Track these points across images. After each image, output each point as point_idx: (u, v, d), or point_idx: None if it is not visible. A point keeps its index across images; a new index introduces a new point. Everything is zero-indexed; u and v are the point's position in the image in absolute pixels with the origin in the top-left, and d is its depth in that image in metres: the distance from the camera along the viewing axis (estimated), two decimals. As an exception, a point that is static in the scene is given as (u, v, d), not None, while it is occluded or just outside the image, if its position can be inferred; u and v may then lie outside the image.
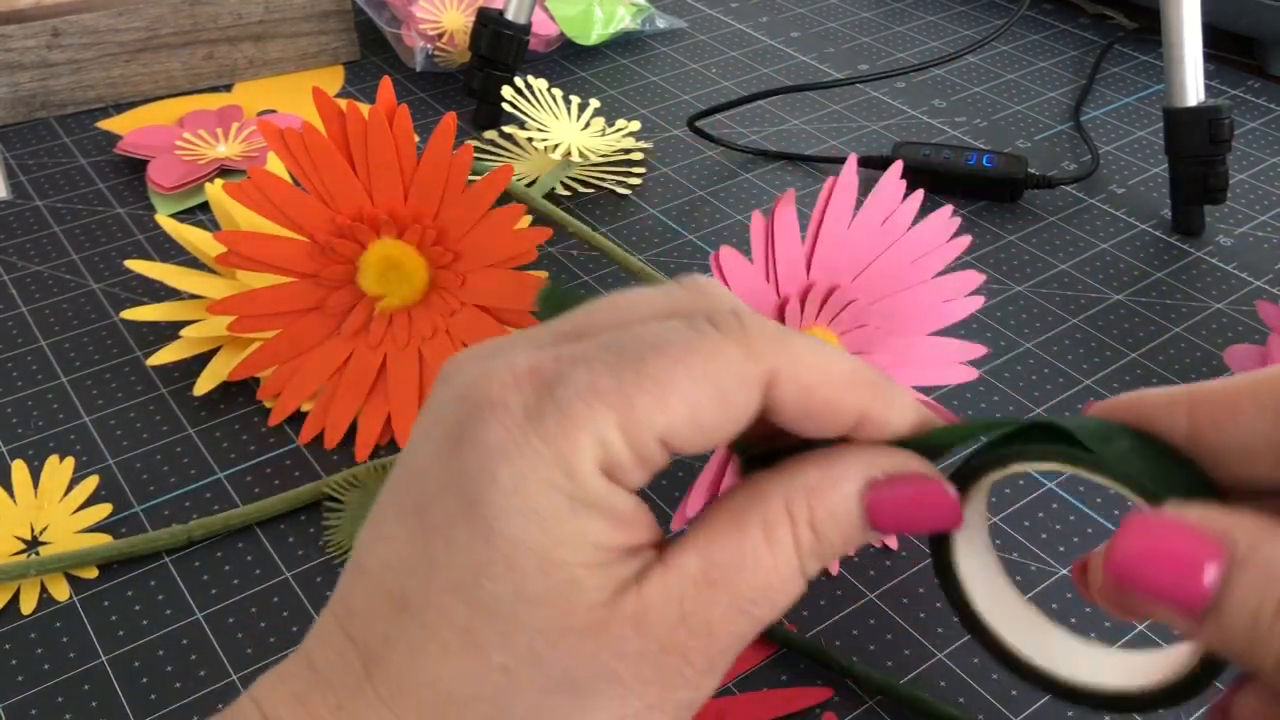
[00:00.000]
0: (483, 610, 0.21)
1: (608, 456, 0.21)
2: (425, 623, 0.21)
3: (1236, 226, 0.61)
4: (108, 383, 0.50)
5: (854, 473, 0.22)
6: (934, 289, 0.41)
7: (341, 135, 0.44)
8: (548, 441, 0.20)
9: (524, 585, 0.21)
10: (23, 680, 0.38)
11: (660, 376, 0.21)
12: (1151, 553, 0.20)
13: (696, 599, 0.21)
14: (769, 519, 0.22)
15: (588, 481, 0.21)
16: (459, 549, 0.21)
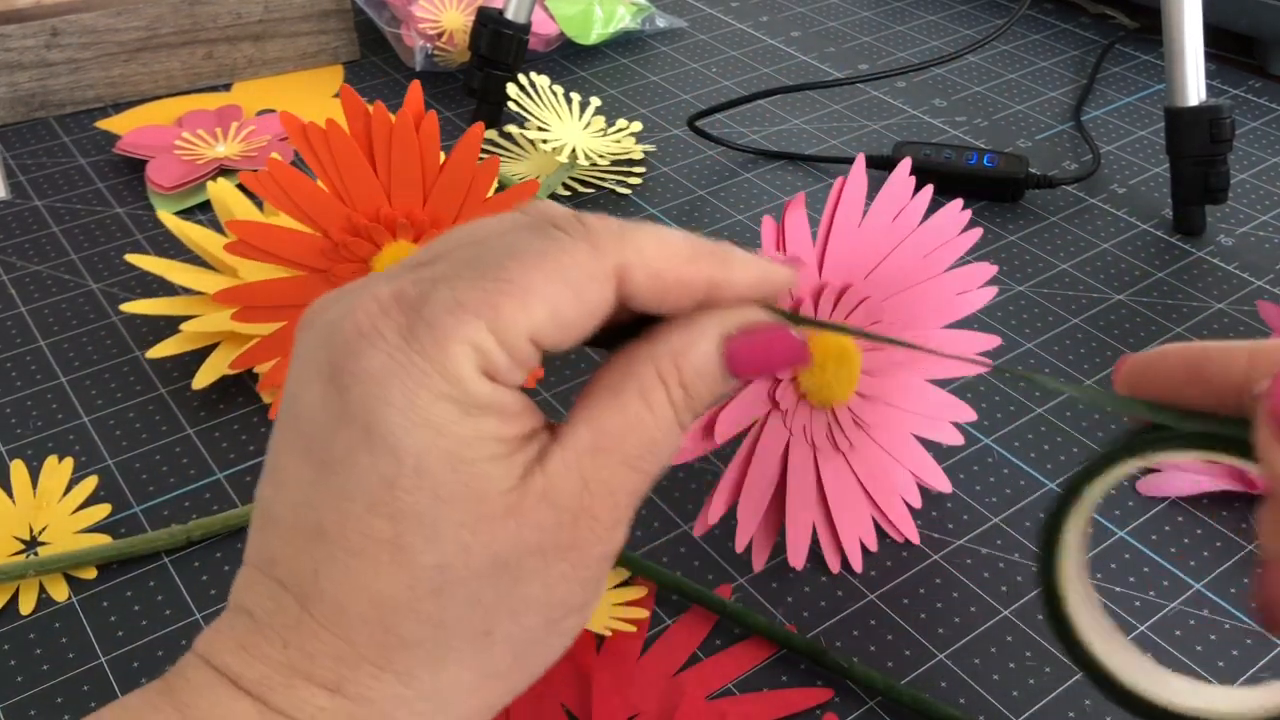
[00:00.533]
0: (404, 519, 0.22)
1: (485, 360, 0.22)
2: (349, 546, 0.22)
3: (1238, 226, 0.61)
4: (107, 383, 0.50)
5: (710, 332, 0.24)
6: (946, 283, 0.41)
7: (365, 135, 0.44)
8: (427, 357, 0.22)
9: (438, 488, 0.22)
10: (22, 681, 0.38)
11: (519, 281, 0.23)
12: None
13: (593, 465, 0.23)
14: (644, 386, 0.24)
15: (473, 386, 0.22)
16: (366, 472, 0.22)
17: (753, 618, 0.39)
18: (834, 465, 0.41)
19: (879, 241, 0.40)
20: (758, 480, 0.39)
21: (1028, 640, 0.39)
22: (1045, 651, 0.39)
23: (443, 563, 0.22)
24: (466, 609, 0.22)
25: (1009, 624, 0.40)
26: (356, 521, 0.22)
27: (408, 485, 0.22)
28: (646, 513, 0.44)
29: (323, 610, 0.22)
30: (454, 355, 0.22)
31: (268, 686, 0.22)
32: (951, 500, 0.45)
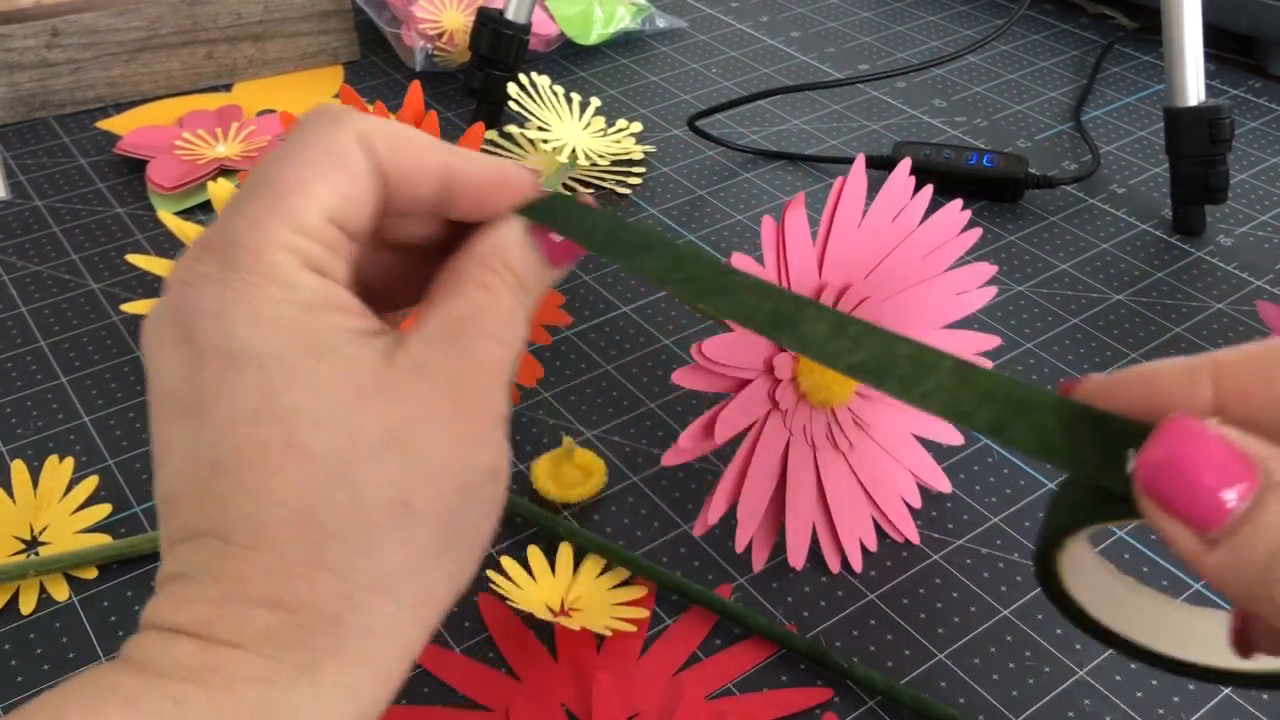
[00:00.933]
0: (289, 417, 0.22)
1: (300, 253, 0.23)
2: (246, 463, 0.22)
3: (1237, 226, 0.61)
4: (107, 383, 0.50)
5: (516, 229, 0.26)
6: (946, 282, 0.41)
7: None
8: (252, 270, 0.23)
9: (311, 378, 0.23)
10: (22, 681, 0.38)
11: (290, 177, 0.24)
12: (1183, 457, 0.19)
13: (453, 340, 0.24)
14: (481, 277, 0.25)
15: (304, 281, 0.23)
16: (240, 392, 0.22)
17: (753, 618, 0.39)
18: (834, 465, 0.41)
19: (879, 241, 0.40)
20: (758, 480, 0.39)
21: (1027, 640, 0.39)
22: (1045, 651, 0.39)
23: (339, 447, 0.22)
24: (377, 486, 0.23)
25: (1009, 624, 0.40)
26: (246, 437, 0.22)
27: (281, 384, 0.22)
28: (646, 513, 0.44)
29: (242, 535, 0.22)
30: (274, 262, 0.23)
31: (206, 622, 0.22)
32: (951, 500, 0.45)
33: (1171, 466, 0.19)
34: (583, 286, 0.56)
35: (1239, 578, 0.19)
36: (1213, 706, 0.37)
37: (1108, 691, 0.38)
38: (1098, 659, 0.39)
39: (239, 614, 0.22)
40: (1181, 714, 0.37)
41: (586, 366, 0.51)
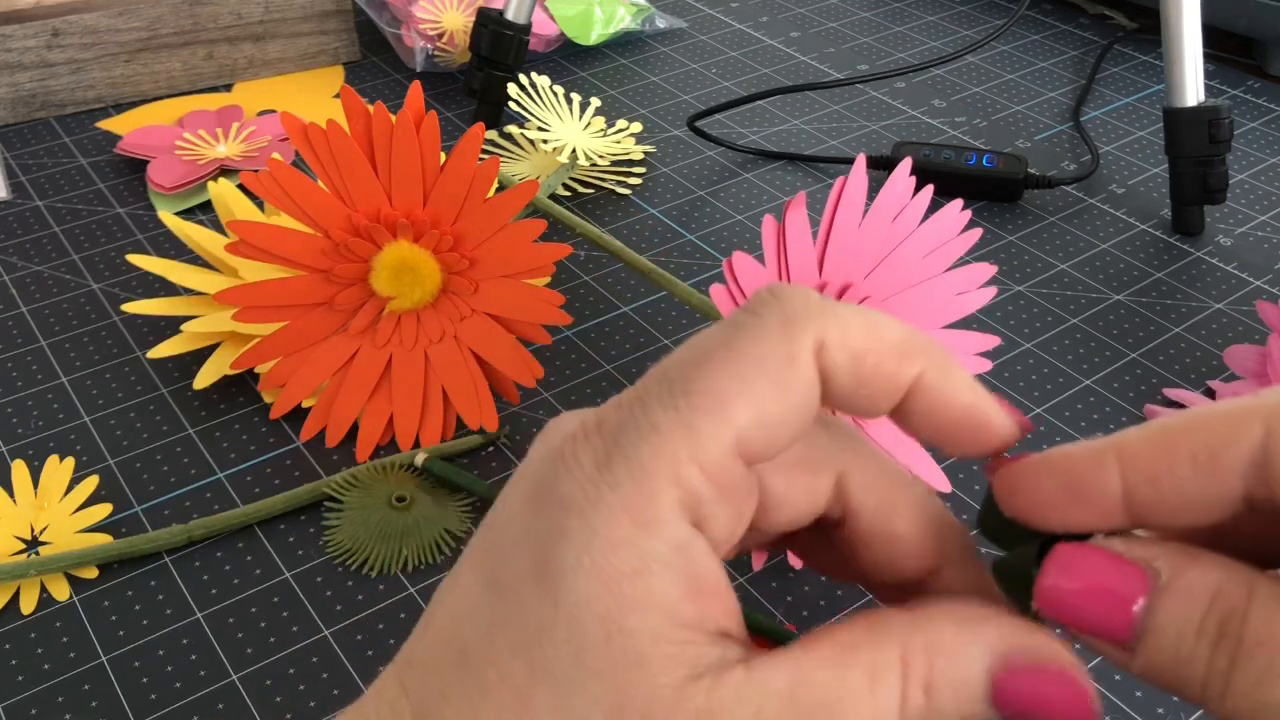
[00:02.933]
0: (541, 674, 0.20)
1: (688, 494, 0.20)
2: (483, 681, 0.20)
3: (1236, 226, 0.61)
4: (108, 383, 0.50)
5: (987, 640, 0.20)
6: (946, 282, 0.42)
7: (365, 135, 0.44)
8: (618, 491, 0.20)
9: (585, 652, 0.19)
10: (23, 680, 0.38)
11: (711, 389, 0.20)
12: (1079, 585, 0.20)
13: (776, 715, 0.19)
14: (879, 662, 0.20)
15: (665, 531, 0.20)
16: (526, 608, 0.20)
17: (753, 617, 0.39)
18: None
19: (879, 241, 0.40)
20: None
21: (1027, 639, 0.39)
22: (1044, 651, 0.39)
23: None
24: None
25: (1008, 623, 0.40)
26: (498, 658, 0.20)
27: (557, 638, 0.19)
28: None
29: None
30: (648, 491, 0.20)
31: None
32: (950, 500, 0.45)
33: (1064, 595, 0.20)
34: (583, 286, 0.56)
35: (1163, 681, 0.19)
36: (1212, 706, 0.37)
37: (1108, 692, 0.38)
38: (1097, 659, 0.39)
39: None
40: (1181, 714, 0.37)
41: (586, 366, 0.51)
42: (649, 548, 0.19)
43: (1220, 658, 0.19)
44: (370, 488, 0.44)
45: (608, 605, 0.19)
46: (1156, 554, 0.20)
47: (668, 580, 0.20)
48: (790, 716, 0.19)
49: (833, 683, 0.20)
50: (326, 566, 0.42)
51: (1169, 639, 0.19)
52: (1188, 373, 0.51)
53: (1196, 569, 0.19)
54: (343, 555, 0.42)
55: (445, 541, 0.43)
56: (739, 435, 0.20)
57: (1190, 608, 0.19)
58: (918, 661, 0.20)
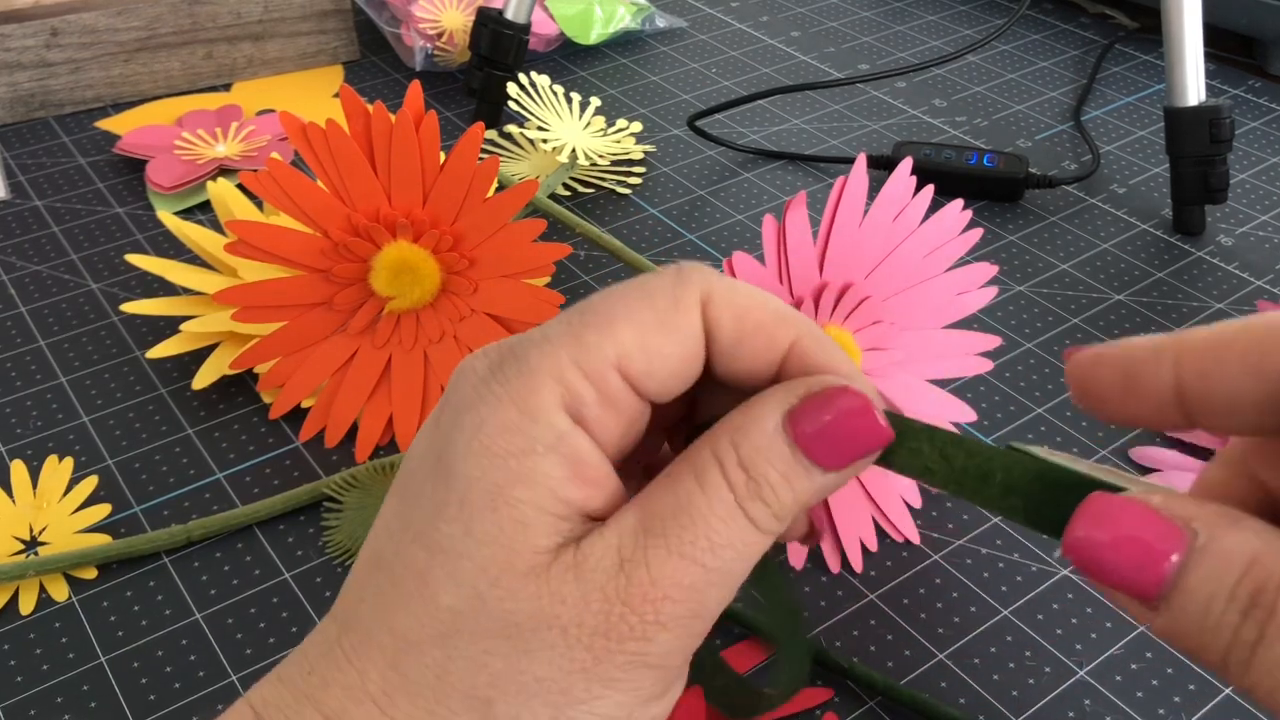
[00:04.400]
0: (437, 551, 0.21)
1: (568, 393, 0.22)
2: (391, 574, 0.22)
3: (1237, 226, 0.61)
4: (107, 383, 0.50)
5: (772, 405, 0.22)
6: (947, 282, 0.41)
7: (364, 135, 0.44)
8: (507, 387, 0.22)
9: (473, 523, 0.21)
10: (21, 681, 0.38)
11: (603, 312, 0.22)
12: (1111, 537, 0.20)
13: (633, 547, 0.21)
14: (699, 466, 0.22)
15: (547, 419, 0.21)
16: (425, 499, 0.22)
17: (753, 619, 0.39)
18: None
19: (880, 241, 0.40)
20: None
21: (1028, 640, 0.39)
22: (1045, 651, 0.39)
23: (457, 607, 0.21)
24: (471, 668, 0.21)
25: (1009, 624, 0.40)
26: (403, 549, 0.22)
27: (449, 515, 0.21)
28: (646, 513, 0.44)
29: (351, 639, 0.22)
30: (532, 386, 0.21)
31: (275, 708, 0.22)
32: (952, 500, 0.45)
33: (1095, 545, 0.20)
34: (582, 286, 0.56)
35: (1184, 643, 0.19)
36: (1213, 707, 0.37)
37: (1108, 692, 0.38)
38: (1098, 659, 0.39)
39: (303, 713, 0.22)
40: (1182, 714, 0.37)
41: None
42: (533, 431, 0.21)
43: (1249, 628, 0.18)
44: (370, 488, 0.44)
45: (496, 479, 0.21)
46: (1196, 514, 0.19)
47: (552, 462, 0.21)
48: (645, 540, 0.21)
49: (669, 500, 0.21)
50: (326, 567, 0.42)
51: (1198, 602, 0.19)
52: (1189, 373, 0.51)
53: (1236, 533, 0.19)
54: (342, 555, 0.42)
55: (445, 542, 0.43)
56: (621, 352, 0.22)
57: (1225, 572, 0.19)
58: (724, 446, 0.22)
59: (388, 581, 0.22)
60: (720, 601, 0.22)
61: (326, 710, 0.22)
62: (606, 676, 0.21)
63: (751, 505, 0.22)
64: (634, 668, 0.21)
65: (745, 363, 0.23)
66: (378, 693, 0.22)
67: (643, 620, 0.21)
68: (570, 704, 0.21)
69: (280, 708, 0.22)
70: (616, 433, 0.22)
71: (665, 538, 0.21)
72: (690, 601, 0.21)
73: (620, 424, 0.22)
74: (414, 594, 0.21)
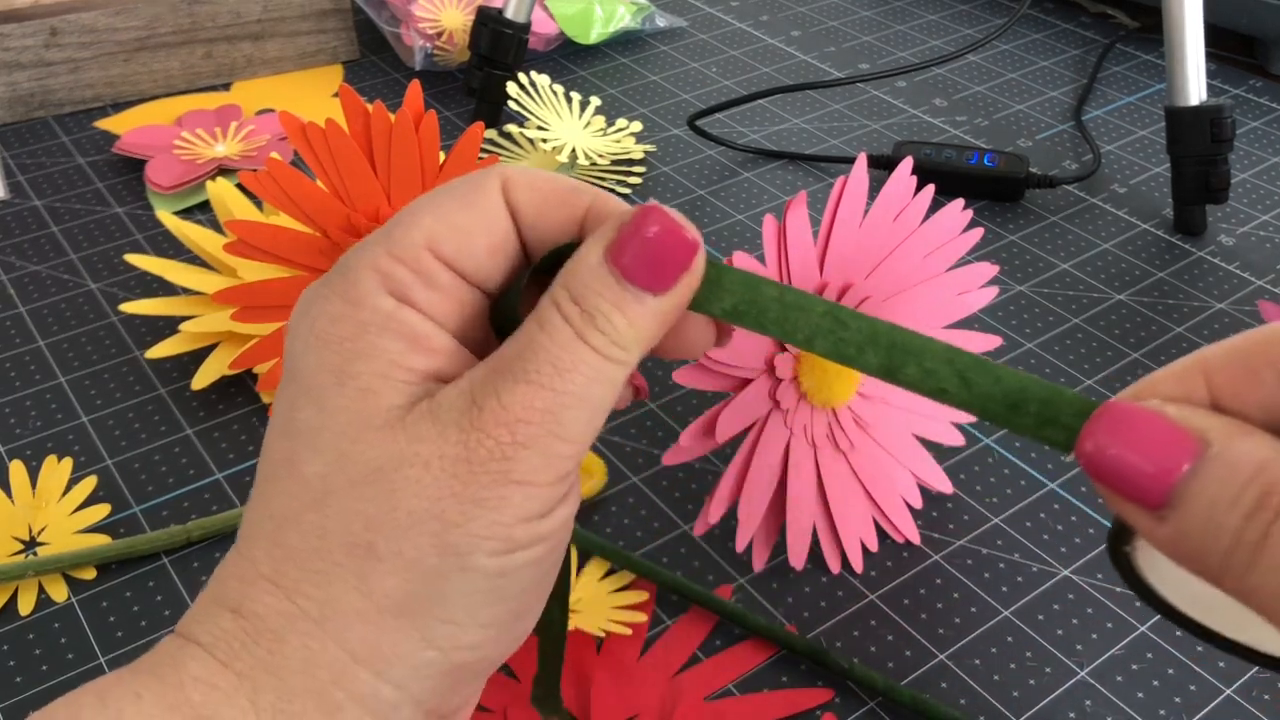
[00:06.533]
0: (296, 436, 0.23)
1: (386, 278, 0.23)
2: (264, 472, 0.24)
3: (1238, 226, 0.61)
4: (106, 383, 0.50)
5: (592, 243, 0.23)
6: (948, 282, 0.41)
7: (364, 135, 0.44)
8: (331, 286, 0.24)
9: (324, 401, 0.23)
10: (20, 681, 0.38)
11: (411, 209, 0.24)
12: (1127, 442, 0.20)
13: (484, 382, 0.22)
14: (538, 314, 0.23)
15: (371, 302, 0.23)
16: (280, 402, 0.24)
17: (753, 618, 0.39)
18: (835, 465, 0.41)
19: (880, 241, 0.40)
20: (758, 480, 0.39)
21: (1028, 640, 0.39)
22: (1046, 652, 0.39)
23: (322, 471, 0.22)
24: (346, 518, 0.22)
25: (1009, 624, 0.40)
26: (269, 447, 0.24)
27: (300, 403, 0.23)
28: (646, 513, 0.44)
29: (243, 536, 0.24)
30: (353, 279, 0.23)
31: (192, 619, 0.23)
32: (952, 500, 0.45)
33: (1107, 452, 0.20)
34: (582, 286, 0.56)
35: (1186, 550, 0.19)
36: (1214, 707, 0.37)
37: (1109, 692, 0.38)
38: (1099, 660, 0.39)
39: (211, 614, 0.23)
40: (1182, 714, 0.37)
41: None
42: (361, 317, 0.23)
43: (1252, 529, 0.18)
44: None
45: (334, 362, 0.23)
46: (1210, 425, 0.19)
47: (388, 338, 0.23)
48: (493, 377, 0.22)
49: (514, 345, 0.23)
50: (325, 567, 0.42)
51: (1203, 506, 0.19)
52: (1189, 373, 0.51)
53: (1248, 441, 0.19)
54: (341, 556, 0.42)
55: (444, 542, 0.43)
56: (428, 235, 0.23)
57: (1232, 476, 0.19)
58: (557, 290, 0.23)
59: (263, 479, 0.24)
60: (582, 423, 0.23)
61: (229, 604, 0.23)
62: (476, 497, 0.22)
63: (590, 335, 0.23)
64: (500, 485, 0.22)
65: (552, 233, 0.25)
66: (269, 571, 0.23)
67: (499, 443, 0.22)
68: (446, 529, 0.22)
69: (196, 620, 0.23)
70: (449, 311, 0.24)
71: (511, 371, 0.22)
72: (546, 422, 0.22)
73: (450, 304, 0.24)
74: (284, 476, 0.23)
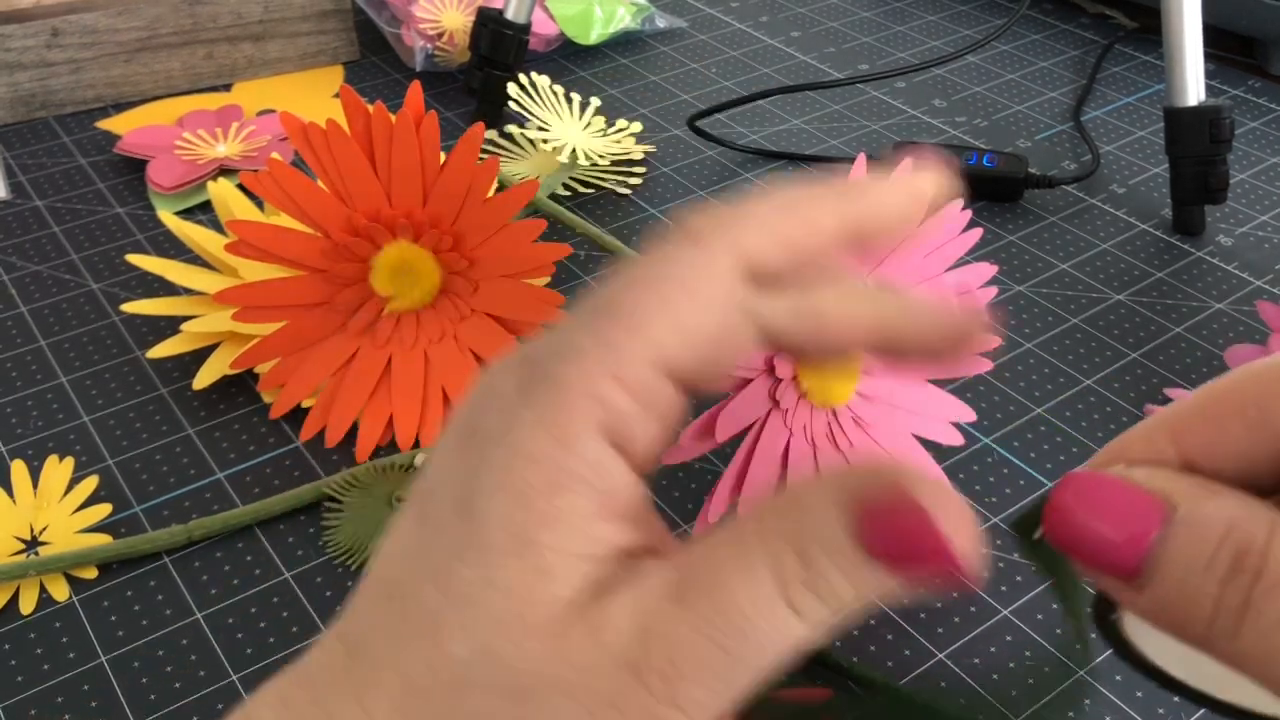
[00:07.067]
0: (452, 596, 0.20)
1: (606, 412, 0.20)
2: (404, 610, 0.20)
3: (1237, 226, 0.61)
4: (107, 383, 0.50)
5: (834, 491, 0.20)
6: (947, 282, 0.41)
7: (365, 135, 0.44)
8: (537, 411, 0.20)
9: (493, 569, 0.20)
10: (22, 681, 0.38)
11: (629, 307, 0.20)
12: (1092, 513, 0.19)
13: (659, 615, 0.19)
14: (747, 542, 0.20)
15: (580, 447, 0.20)
16: (445, 534, 0.20)
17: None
18: (834, 464, 0.41)
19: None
20: (758, 479, 0.39)
21: (1027, 640, 0.39)
22: (1045, 651, 0.39)
23: (466, 658, 0.20)
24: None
25: (1009, 624, 0.40)
26: (418, 588, 0.20)
27: (469, 559, 0.20)
28: (646, 512, 0.44)
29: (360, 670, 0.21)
30: (566, 409, 0.20)
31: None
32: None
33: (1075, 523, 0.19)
34: (582, 286, 0.56)
35: (1168, 620, 0.19)
36: (1213, 706, 0.37)
37: (1108, 692, 0.38)
38: (1098, 659, 0.39)
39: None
40: (1181, 714, 0.37)
41: (586, 366, 0.51)
42: (566, 464, 0.20)
43: (1232, 595, 0.18)
44: (370, 488, 0.44)
45: (521, 521, 0.19)
46: (1175, 487, 0.19)
47: (584, 497, 0.20)
48: (674, 610, 0.19)
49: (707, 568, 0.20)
50: (326, 566, 0.42)
51: (1179, 573, 0.18)
52: (1188, 373, 0.51)
53: (1215, 501, 0.18)
54: (343, 555, 0.42)
55: (445, 542, 0.43)
56: (658, 347, 0.20)
57: (1202, 540, 0.18)
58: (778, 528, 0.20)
59: (399, 617, 0.20)
60: (750, 684, 0.20)
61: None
62: None
63: (802, 599, 0.19)
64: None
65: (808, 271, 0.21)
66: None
67: (657, 701, 0.19)
68: None
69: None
70: (656, 436, 0.21)
71: (694, 612, 0.19)
72: (712, 685, 0.20)
73: (660, 425, 0.21)
74: (426, 636, 0.20)
